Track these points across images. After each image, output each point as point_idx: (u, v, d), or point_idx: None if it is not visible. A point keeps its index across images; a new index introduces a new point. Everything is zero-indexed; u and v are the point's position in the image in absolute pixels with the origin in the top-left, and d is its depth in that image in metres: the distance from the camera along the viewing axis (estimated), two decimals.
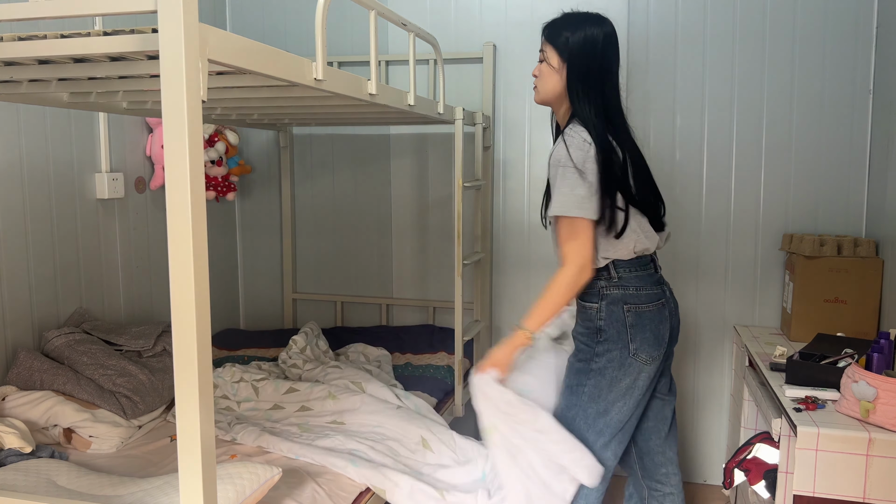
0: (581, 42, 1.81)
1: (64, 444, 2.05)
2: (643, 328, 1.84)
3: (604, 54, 1.83)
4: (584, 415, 1.87)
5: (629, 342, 1.83)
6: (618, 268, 1.85)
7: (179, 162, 1.05)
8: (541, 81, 1.90)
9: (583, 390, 1.87)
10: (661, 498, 2.05)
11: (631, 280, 1.85)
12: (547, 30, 1.87)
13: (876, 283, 2.48)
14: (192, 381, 1.09)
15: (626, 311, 1.83)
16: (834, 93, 2.72)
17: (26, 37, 1.23)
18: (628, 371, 1.84)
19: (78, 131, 2.49)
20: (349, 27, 3.17)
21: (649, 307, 1.85)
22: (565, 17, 1.86)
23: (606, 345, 1.84)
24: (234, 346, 3.06)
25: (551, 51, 1.85)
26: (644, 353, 1.84)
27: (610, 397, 1.85)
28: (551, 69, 1.86)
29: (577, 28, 1.82)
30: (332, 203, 3.33)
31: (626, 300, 1.84)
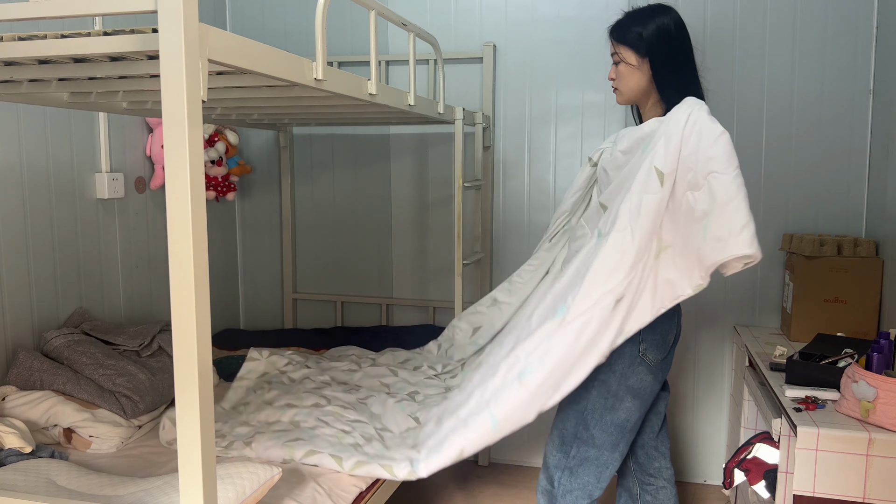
0: (656, 33, 1.82)
1: (64, 444, 2.05)
2: (653, 329, 1.84)
3: (680, 39, 1.84)
4: (592, 408, 1.87)
5: (640, 342, 1.84)
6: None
7: (179, 162, 1.05)
8: (622, 82, 1.89)
9: (592, 385, 1.87)
10: (655, 491, 2.07)
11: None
12: (615, 32, 1.88)
13: (876, 283, 2.48)
14: (192, 381, 1.09)
15: None
16: (834, 93, 2.72)
17: (26, 37, 1.23)
18: (636, 370, 1.85)
19: (78, 131, 2.49)
20: (349, 27, 3.17)
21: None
22: (629, 16, 1.87)
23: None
24: (234, 346, 3.06)
25: (626, 50, 1.85)
26: (651, 353, 1.85)
27: (619, 393, 1.86)
28: (631, 68, 1.86)
29: (646, 21, 1.83)
30: (332, 203, 3.33)
31: None
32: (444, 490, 2.94)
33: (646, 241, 1.70)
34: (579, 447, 1.90)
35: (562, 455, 1.93)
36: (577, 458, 1.90)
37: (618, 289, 1.69)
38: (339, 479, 1.90)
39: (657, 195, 1.69)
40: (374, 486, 1.97)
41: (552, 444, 1.97)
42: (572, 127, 2.97)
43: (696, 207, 1.69)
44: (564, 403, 1.95)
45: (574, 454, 1.90)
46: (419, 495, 2.89)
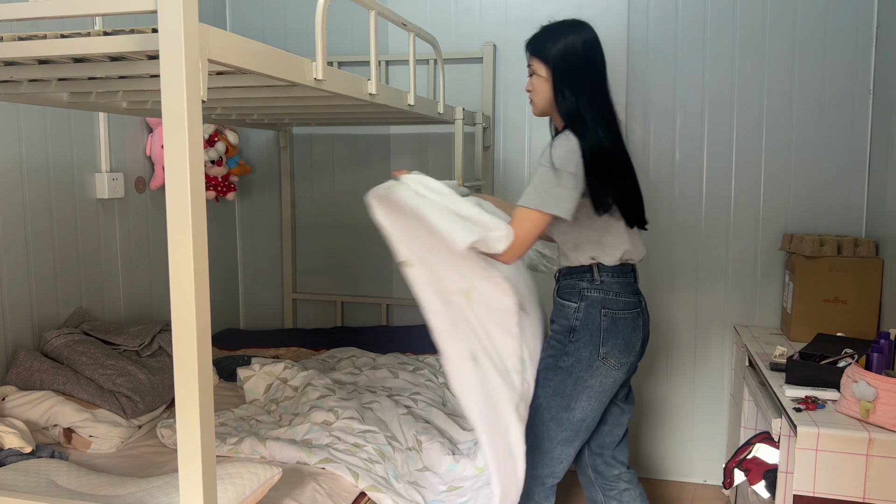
0: (563, 49, 1.85)
1: (64, 444, 2.05)
2: (616, 334, 1.88)
3: (586, 58, 1.86)
4: (547, 405, 1.92)
5: (600, 345, 1.87)
6: (601, 271, 1.89)
7: (179, 162, 1.05)
8: (535, 94, 1.93)
9: (549, 384, 1.91)
10: (618, 495, 2.10)
11: (612, 285, 1.89)
12: (530, 45, 1.92)
13: (876, 283, 2.48)
14: (192, 381, 1.09)
15: (602, 315, 1.87)
16: (834, 93, 2.72)
17: (26, 37, 1.23)
18: (595, 373, 1.88)
19: (78, 131, 2.49)
20: (349, 27, 3.17)
21: (625, 314, 1.89)
22: (544, 30, 1.91)
23: (577, 345, 1.88)
24: (234, 346, 3.06)
25: (537, 62, 1.89)
26: (613, 357, 1.88)
27: (574, 394, 1.89)
28: (541, 80, 1.89)
29: (557, 37, 1.87)
30: (332, 203, 3.32)
31: (604, 304, 1.88)
32: None
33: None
34: (533, 437, 1.94)
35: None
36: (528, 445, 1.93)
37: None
38: (339, 479, 1.90)
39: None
40: None
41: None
42: None
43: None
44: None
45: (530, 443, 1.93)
46: None
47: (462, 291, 1.78)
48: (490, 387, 1.79)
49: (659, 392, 3.02)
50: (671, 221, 2.93)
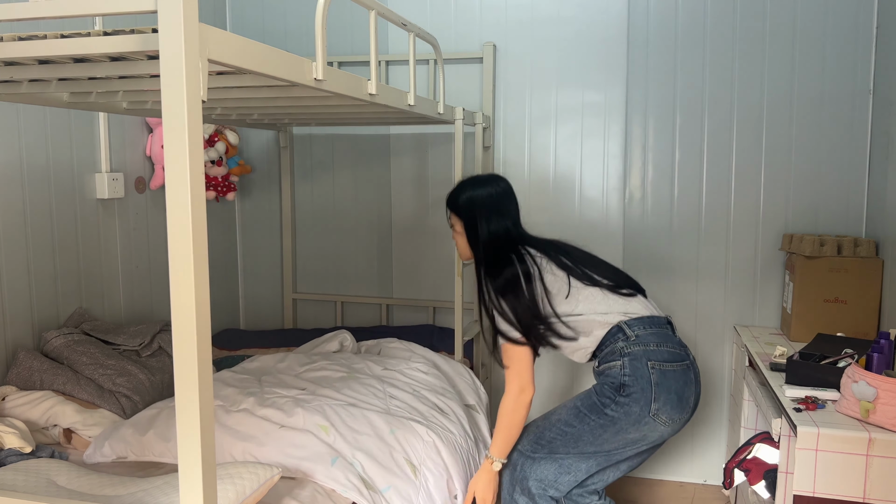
0: (467, 201, 2.06)
1: (64, 444, 2.05)
2: (668, 388, 1.84)
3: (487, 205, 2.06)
4: (577, 436, 1.91)
5: (652, 401, 1.83)
6: (631, 326, 1.89)
7: (179, 162, 1.05)
8: (457, 245, 2.15)
9: (588, 421, 1.90)
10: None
11: (649, 337, 1.88)
12: (448, 198, 2.14)
13: (876, 283, 2.48)
14: (192, 381, 1.09)
15: (650, 368, 1.84)
16: (834, 93, 2.72)
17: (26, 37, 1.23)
18: (641, 428, 1.86)
19: (78, 131, 2.49)
20: (349, 27, 3.17)
21: (674, 366, 1.87)
22: (461, 184, 2.14)
23: (628, 399, 1.85)
24: (234, 346, 3.06)
25: (453, 216, 2.11)
26: (665, 414, 1.85)
27: (613, 440, 1.89)
28: (457, 233, 2.12)
29: (466, 190, 2.10)
30: (332, 203, 3.33)
31: (648, 357, 1.85)
32: None
33: None
34: (547, 451, 1.95)
35: (529, 448, 1.98)
36: (539, 454, 1.96)
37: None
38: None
39: None
40: None
41: (524, 436, 2.02)
42: (572, 127, 2.97)
43: None
44: (555, 416, 1.97)
45: (540, 451, 1.96)
46: None
47: None
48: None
49: None
50: (671, 221, 2.93)
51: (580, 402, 1.95)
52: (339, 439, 1.94)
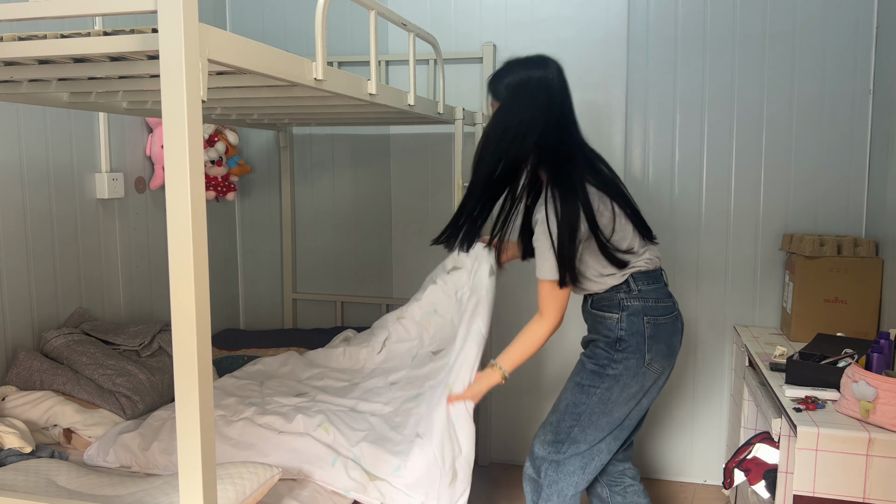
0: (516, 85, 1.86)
1: (64, 444, 2.05)
2: (659, 339, 1.89)
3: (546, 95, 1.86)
4: (589, 413, 1.92)
5: (646, 352, 1.88)
6: (637, 281, 1.90)
7: (179, 162, 1.05)
8: None
9: (594, 391, 1.91)
10: (623, 491, 2.10)
11: (650, 293, 1.90)
12: (489, 82, 1.93)
13: (876, 283, 2.48)
14: (192, 381, 1.09)
15: (645, 323, 1.88)
16: (834, 93, 2.72)
17: (26, 37, 1.23)
18: (640, 379, 1.89)
19: (78, 131, 2.49)
20: (349, 27, 3.17)
21: (666, 319, 1.91)
22: (507, 65, 1.90)
23: (625, 353, 1.88)
24: (234, 346, 3.06)
25: (494, 101, 1.92)
26: (657, 362, 1.89)
27: (619, 400, 1.91)
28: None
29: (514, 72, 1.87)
30: (332, 203, 3.32)
31: (646, 312, 1.89)
32: None
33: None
34: (570, 445, 1.94)
35: (552, 450, 1.96)
36: (566, 453, 1.94)
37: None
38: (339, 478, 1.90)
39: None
40: None
41: (543, 437, 1.99)
42: None
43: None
44: (563, 403, 1.97)
45: (565, 450, 1.95)
46: None
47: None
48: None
49: None
50: (671, 221, 2.93)
51: (578, 378, 1.95)
52: (339, 436, 1.94)
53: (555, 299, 1.86)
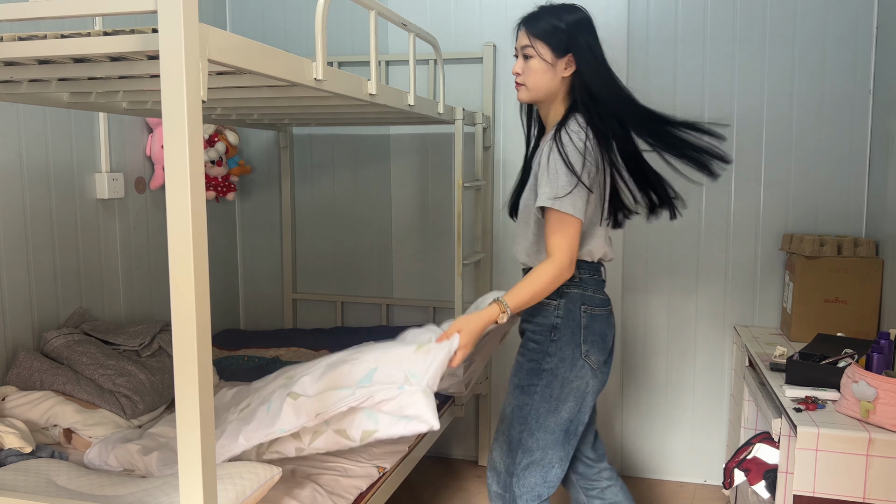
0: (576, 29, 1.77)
1: (64, 445, 2.05)
2: (594, 331, 1.85)
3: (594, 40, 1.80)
4: (535, 413, 1.86)
5: (581, 342, 1.83)
6: (580, 269, 1.85)
7: (179, 162, 1.05)
8: (531, 79, 1.81)
9: (535, 390, 1.86)
10: (601, 493, 2.07)
11: (589, 282, 1.86)
12: (530, 25, 1.80)
13: (876, 283, 2.48)
14: (192, 381, 1.09)
15: (582, 311, 1.84)
16: (834, 93, 2.72)
17: (26, 37, 1.23)
18: (579, 373, 1.84)
19: (78, 131, 2.49)
20: (349, 27, 3.17)
21: (601, 311, 1.87)
22: (547, 10, 1.80)
23: (559, 344, 1.83)
24: (234, 346, 3.06)
25: (542, 46, 1.78)
26: (594, 355, 1.85)
27: (561, 396, 1.84)
28: (545, 65, 1.78)
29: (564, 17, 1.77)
30: (332, 203, 3.33)
31: (584, 300, 1.84)
32: (443, 490, 2.94)
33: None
34: (524, 453, 1.88)
35: (510, 460, 1.90)
36: (522, 462, 1.88)
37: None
38: (339, 479, 1.90)
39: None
40: (375, 485, 1.97)
41: (500, 449, 1.93)
42: None
43: None
44: (508, 409, 1.92)
45: (520, 460, 1.88)
46: (419, 495, 2.89)
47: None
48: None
49: (659, 391, 3.02)
50: (671, 221, 2.93)
51: (516, 379, 1.90)
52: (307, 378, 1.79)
53: (563, 234, 1.73)
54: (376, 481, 1.99)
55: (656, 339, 3.00)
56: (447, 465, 3.18)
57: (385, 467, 2.04)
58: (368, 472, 1.97)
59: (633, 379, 3.05)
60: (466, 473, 3.10)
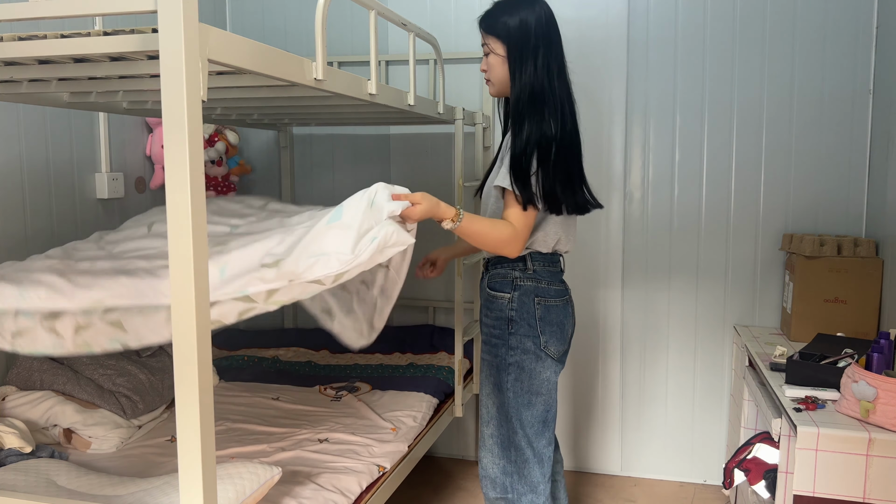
0: (517, 25, 1.81)
1: (64, 444, 2.05)
2: (550, 322, 1.88)
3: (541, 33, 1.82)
4: (515, 410, 1.89)
5: (539, 334, 1.87)
6: (534, 260, 1.88)
7: (179, 162, 1.05)
8: (493, 73, 1.88)
9: (507, 385, 1.89)
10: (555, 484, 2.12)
11: (543, 274, 1.89)
12: (484, 22, 1.87)
13: (876, 283, 2.48)
14: (192, 381, 1.09)
15: (536, 304, 1.87)
16: (834, 93, 2.72)
17: (26, 37, 1.23)
18: (544, 364, 1.88)
19: (78, 131, 2.49)
20: (349, 27, 3.17)
21: (556, 302, 1.90)
22: (498, 6, 1.86)
23: (518, 336, 1.86)
24: (234, 346, 3.06)
25: (494, 41, 1.85)
26: (552, 346, 1.88)
27: (532, 388, 1.88)
28: (500, 59, 1.85)
29: (512, 12, 1.82)
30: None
31: (537, 293, 1.87)
32: (444, 490, 2.94)
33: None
34: (517, 451, 1.91)
35: (506, 461, 1.92)
36: (519, 460, 1.91)
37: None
38: (339, 479, 1.90)
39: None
40: (375, 485, 1.97)
41: (492, 455, 1.94)
42: None
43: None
44: (492, 410, 1.94)
45: (515, 458, 1.91)
46: (419, 495, 2.89)
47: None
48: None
49: (659, 392, 3.02)
50: (671, 221, 2.93)
51: (491, 378, 1.92)
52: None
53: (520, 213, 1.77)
54: (376, 481, 1.99)
55: (656, 338, 3.00)
56: (447, 465, 3.18)
57: (385, 467, 2.04)
58: (369, 472, 1.97)
59: (633, 378, 3.05)
60: (466, 473, 3.10)
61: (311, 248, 1.43)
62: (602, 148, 2.94)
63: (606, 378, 3.06)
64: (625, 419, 3.07)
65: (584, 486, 2.97)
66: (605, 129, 2.93)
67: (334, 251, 1.42)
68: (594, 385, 3.06)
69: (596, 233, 2.98)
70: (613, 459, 3.08)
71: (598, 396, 3.07)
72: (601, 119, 2.92)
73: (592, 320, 3.04)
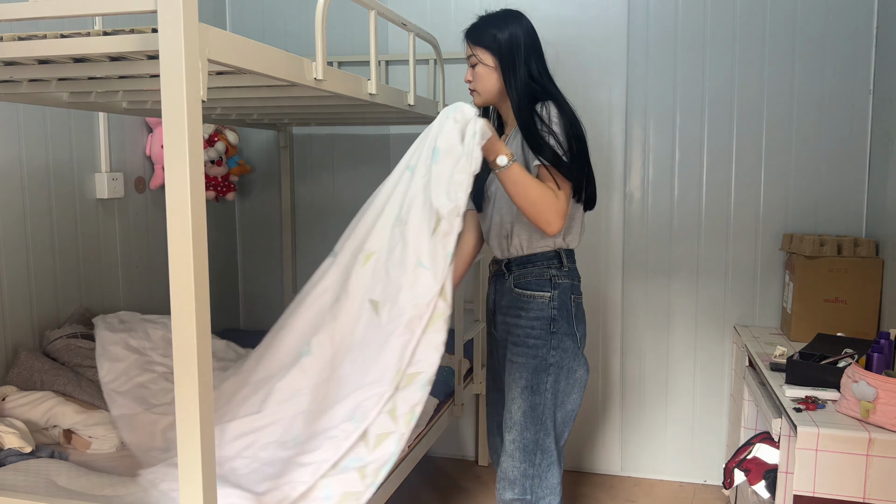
0: (508, 37, 1.88)
1: (64, 445, 2.05)
2: (581, 319, 1.91)
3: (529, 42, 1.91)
4: (549, 412, 1.86)
5: (576, 332, 1.88)
6: (568, 257, 1.90)
7: (179, 162, 1.05)
8: (480, 84, 1.91)
9: (546, 387, 1.85)
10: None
11: (574, 271, 1.92)
12: (471, 35, 1.92)
13: (876, 283, 2.48)
14: (192, 381, 1.09)
15: (573, 301, 1.89)
16: (834, 92, 2.72)
17: (26, 37, 1.23)
18: (580, 361, 1.89)
19: (78, 131, 2.49)
20: (349, 27, 3.17)
21: (581, 299, 1.93)
22: (485, 19, 1.93)
23: (559, 336, 1.85)
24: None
25: (483, 52, 1.89)
26: (584, 342, 1.92)
27: (567, 388, 1.87)
28: (488, 69, 1.89)
29: (501, 25, 1.89)
30: (332, 203, 3.32)
31: (573, 290, 1.89)
32: (444, 490, 2.94)
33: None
34: (542, 454, 1.87)
35: (528, 465, 1.88)
36: (543, 464, 1.87)
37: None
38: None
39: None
40: None
41: (512, 460, 1.88)
42: None
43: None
44: (517, 414, 1.88)
45: (539, 461, 1.87)
46: (419, 495, 2.89)
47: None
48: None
49: (659, 392, 3.02)
50: (671, 221, 2.93)
51: (523, 380, 1.86)
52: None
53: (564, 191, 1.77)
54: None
55: (656, 338, 3.00)
56: (447, 465, 3.18)
57: None
58: None
59: (633, 379, 3.05)
60: (466, 473, 3.10)
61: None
62: (602, 148, 2.94)
63: (607, 378, 3.06)
64: (625, 419, 3.07)
65: (584, 487, 2.97)
66: (605, 128, 2.93)
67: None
68: (594, 385, 3.06)
69: (596, 233, 2.98)
70: (613, 459, 3.08)
71: (598, 396, 3.07)
72: (601, 119, 2.92)
73: (592, 320, 3.03)
